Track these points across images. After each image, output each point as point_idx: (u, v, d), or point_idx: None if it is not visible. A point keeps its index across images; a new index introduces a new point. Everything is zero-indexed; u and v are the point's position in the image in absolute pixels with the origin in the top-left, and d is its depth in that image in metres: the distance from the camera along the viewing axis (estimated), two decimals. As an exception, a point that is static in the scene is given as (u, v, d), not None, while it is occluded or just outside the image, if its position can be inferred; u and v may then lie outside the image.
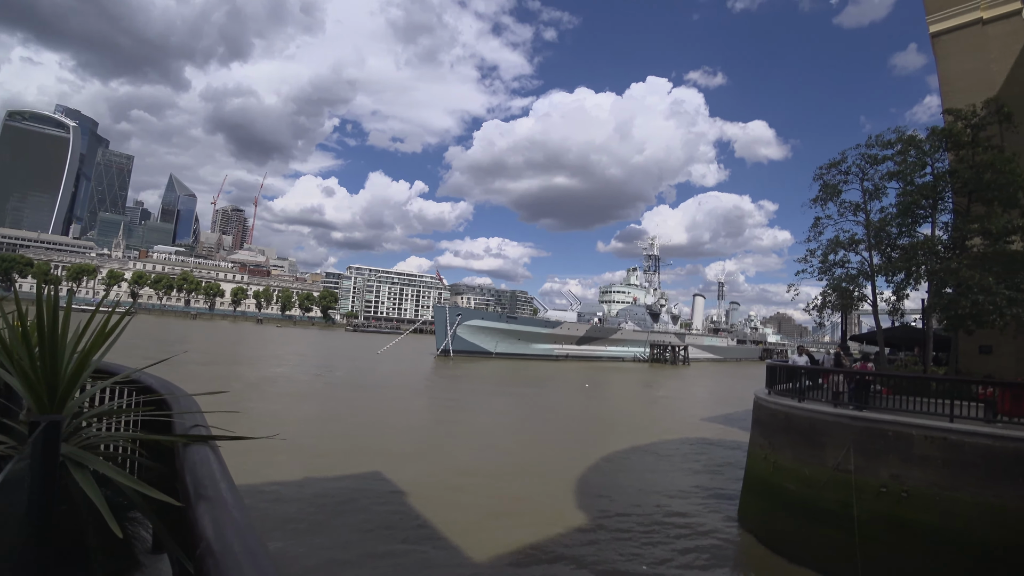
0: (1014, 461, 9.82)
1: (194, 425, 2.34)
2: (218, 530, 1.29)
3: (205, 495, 1.50)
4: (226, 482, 1.63)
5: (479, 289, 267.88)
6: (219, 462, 1.88)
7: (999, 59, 19.95)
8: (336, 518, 12.68)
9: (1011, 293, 14.45)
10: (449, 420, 27.86)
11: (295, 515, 12.65)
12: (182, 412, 2.56)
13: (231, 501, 1.48)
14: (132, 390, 3.24)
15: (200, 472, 1.69)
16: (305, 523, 12.26)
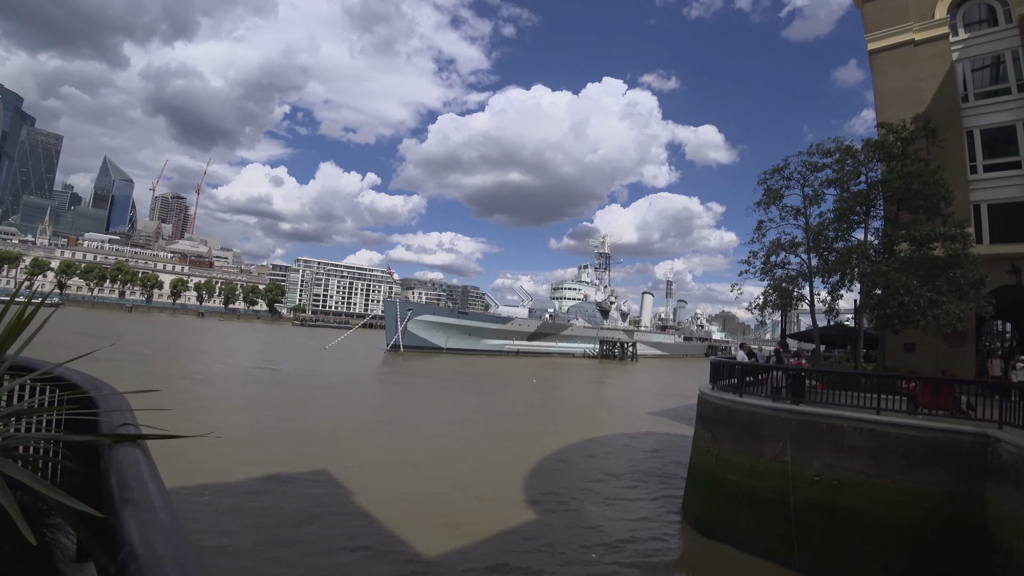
0: (931, 449, 10.64)
1: (122, 424, 2.19)
2: (143, 534, 1.24)
3: (131, 498, 1.43)
4: (155, 484, 1.56)
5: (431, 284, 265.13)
6: (148, 463, 1.79)
7: (928, 78, 21.38)
8: (278, 520, 12.25)
9: (932, 295, 15.54)
10: (398, 417, 27.41)
11: (234, 517, 12.14)
12: (109, 410, 2.37)
13: (159, 504, 1.42)
14: (54, 387, 2.96)
15: (127, 474, 1.61)
16: (244, 525, 11.77)
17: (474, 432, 24.22)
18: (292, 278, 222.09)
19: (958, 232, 16.79)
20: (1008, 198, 19.86)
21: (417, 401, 33.48)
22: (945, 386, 12.47)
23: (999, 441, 9.87)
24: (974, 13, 21.70)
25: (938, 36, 21.50)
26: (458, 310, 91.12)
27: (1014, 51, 20.43)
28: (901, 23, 21.98)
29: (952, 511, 10.22)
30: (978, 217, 20.04)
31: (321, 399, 29.59)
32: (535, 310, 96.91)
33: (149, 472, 1.66)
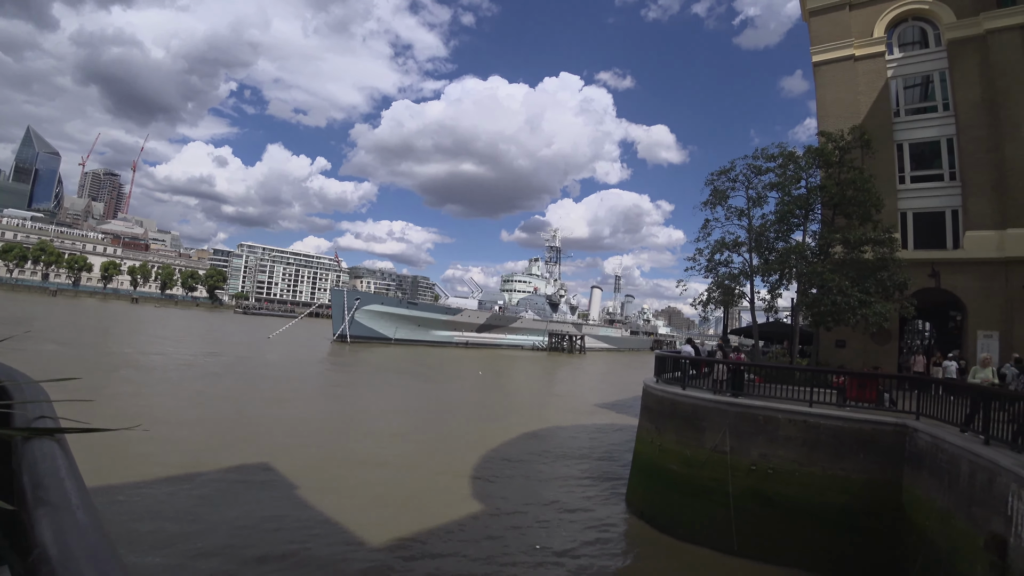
0: (857, 439, 11.36)
1: (39, 417, 2.11)
2: (58, 534, 1.16)
3: (45, 496, 1.33)
4: (73, 481, 1.49)
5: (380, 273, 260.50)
6: (66, 458, 1.68)
7: (865, 92, 22.66)
8: (213, 516, 11.75)
9: (862, 296, 16.53)
10: (342, 409, 26.75)
11: (165, 514, 11.55)
12: (25, 401, 2.26)
13: (77, 502, 1.35)
14: None
15: (41, 470, 1.53)
16: (176, 523, 11.21)
17: (420, 425, 23.91)
18: (235, 264, 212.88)
19: (886, 237, 17.90)
20: (930, 208, 21.40)
21: (363, 393, 32.75)
22: (870, 380, 13.31)
23: (916, 431, 10.66)
24: (908, 34, 23.12)
25: (876, 53, 22.82)
26: (407, 300, 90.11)
27: (942, 72, 21.95)
28: (844, 39, 23.21)
29: (874, 496, 10.98)
30: (904, 224, 21.48)
31: (262, 390, 28.56)
32: (485, 302, 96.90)
33: (67, 468, 1.54)
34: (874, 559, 10.70)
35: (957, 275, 19.96)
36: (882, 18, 22.89)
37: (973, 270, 19.75)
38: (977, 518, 7.94)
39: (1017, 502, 6.94)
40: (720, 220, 21.66)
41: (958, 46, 21.39)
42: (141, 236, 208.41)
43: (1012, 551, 6.89)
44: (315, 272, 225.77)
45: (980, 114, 20.64)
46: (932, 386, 12.20)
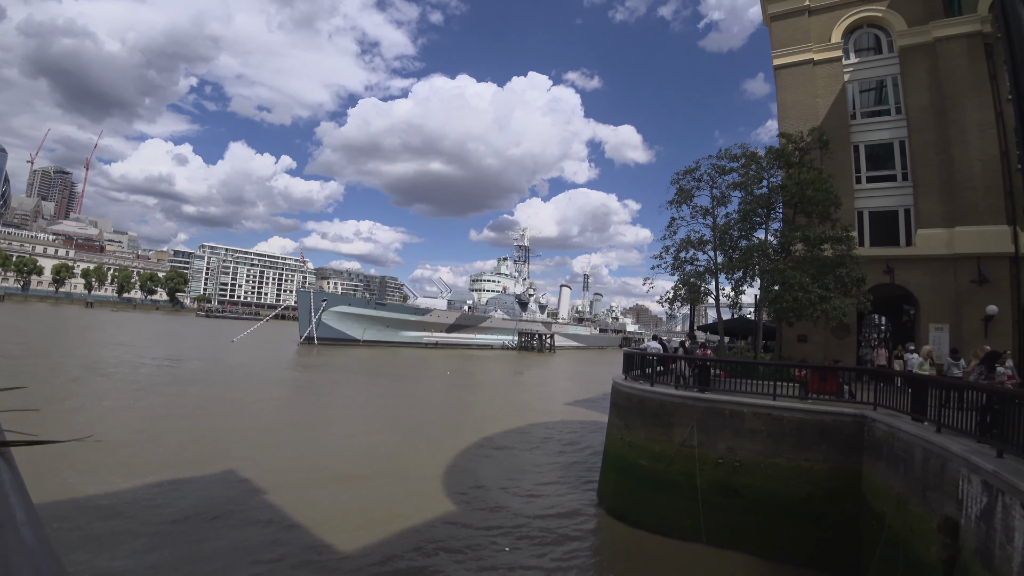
0: (818, 430, 11.73)
1: None
2: (1, 554, 1.15)
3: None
4: (18, 496, 1.42)
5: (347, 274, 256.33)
6: (11, 472, 1.57)
7: (823, 95, 23.40)
8: (175, 530, 11.33)
9: (822, 292, 17.07)
10: (309, 413, 26.07)
11: (118, 530, 11.02)
12: None
13: (22, 518, 1.30)
14: None
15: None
16: (132, 539, 10.69)
17: (391, 426, 23.64)
18: (196, 265, 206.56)
19: (844, 235, 18.52)
20: (885, 207, 22.22)
21: (331, 396, 32.06)
22: (831, 373, 13.74)
23: (874, 421, 11.06)
24: (863, 40, 23.97)
25: (833, 58, 23.59)
26: (375, 301, 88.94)
27: (894, 77, 22.83)
28: (803, 43, 23.93)
29: (835, 484, 11.37)
30: (861, 222, 22.24)
31: (225, 396, 27.68)
32: (454, 302, 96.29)
33: (12, 483, 1.44)
34: (836, 545, 11.07)
35: (910, 271, 20.80)
36: (839, 24, 23.68)
37: (924, 266, 20.59)
38: (931, 502, 8.29)
39: (967, 486, 7.26)
40: (686, 219, 22.09)
41: (909, 53, 22.28)
42: (95, 237, 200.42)
43: (963, 532, 7.20)
44: (280, 273, 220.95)
45: (929, 118, 21.52)
46: (888, 377, 12.68)
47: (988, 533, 6.58)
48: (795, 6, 24.32)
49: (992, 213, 19.77)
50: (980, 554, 6.73)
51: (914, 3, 22.39)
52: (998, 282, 19.17)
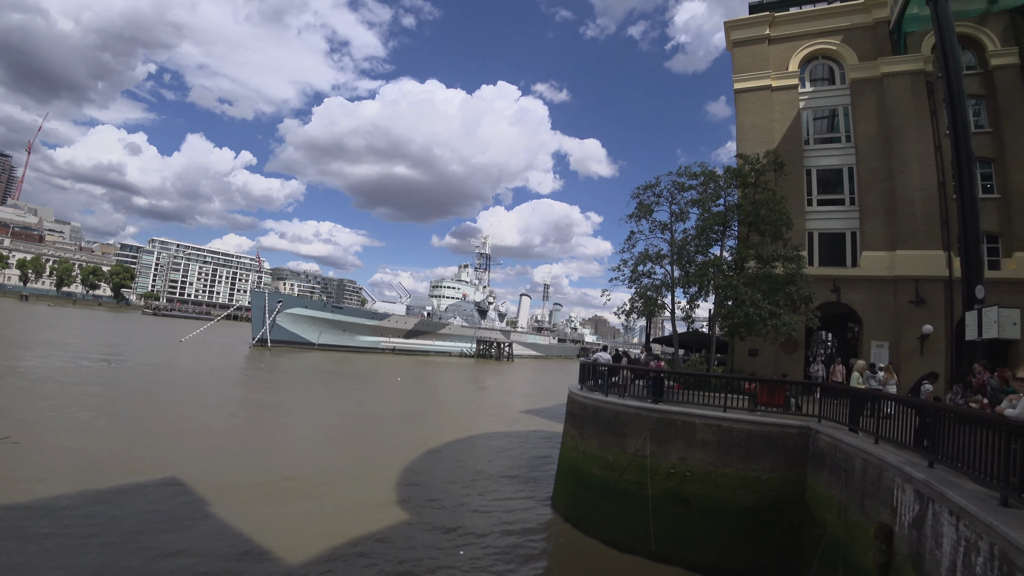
0: (766, 441, 12.06)
1: None
2: None
3: None
4: None
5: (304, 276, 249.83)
6: None
7: (779, 120, 24.39)
8: (105, 539, 10.72)
9: (772, 308, 17.63)
10: (258, 418, 25.14)
11: (43, 539, 10.34)
12: None
13: None
14: None
15: None
16: (56, 549, 10.01)
17: (343, 434, 23.12)
18: (145, 260, 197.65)
19: (795, 254, 19.20)
20: (833, 229, 23.27)
21: (281, 401, 30.98)
22: (779, 386, 14.18)
23: (818, 432, 11.46)
24: (819, 71, 25.17)
25: (790, 86, 24.68)
26: (332, 304, 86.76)
27: (845, 107, 24.05)
28: (762, 70, 24.95)
29: (781, 493, 11.72)
30: (811, 243, 23.22)
31: (168, 399, 26.39)
32: (413, 307, 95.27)
33: None
34: (781, 552, 11.40)
35: (854, 291, 21.85)
36: (796, 54, 24.81)
37: (868, 286, 21.68)
38: (868, 510, 8.61)
39: (901, 494, 7.57)
40: (644, 233, 22.48)
41: (859, 85, 23.54)
42: (34, 226, 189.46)
43: (897, 539, 7.50)
44: (234, 272, 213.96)
45: (876, 147, 22.75)
46: (831, 391, 13.18)
47: (920, 539, 6.87)
48: (756, 34, 25.35)
49: (929, 239, 21.01)
50: (912, 559, 7.02)
51: (865, 39, 23.73)
52: (934, 303, 20.37)
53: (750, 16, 25.97)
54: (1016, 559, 4.80)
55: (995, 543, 5.16)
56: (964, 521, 5.82)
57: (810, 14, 25.16)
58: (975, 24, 22.06)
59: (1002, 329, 10.92)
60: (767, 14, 25.32)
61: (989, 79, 21.97)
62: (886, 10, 22.98)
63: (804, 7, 25.93)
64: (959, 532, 5.90)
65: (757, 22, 25.43)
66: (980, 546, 5.43)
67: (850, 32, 24.11)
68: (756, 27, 25.41)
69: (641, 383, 15.65)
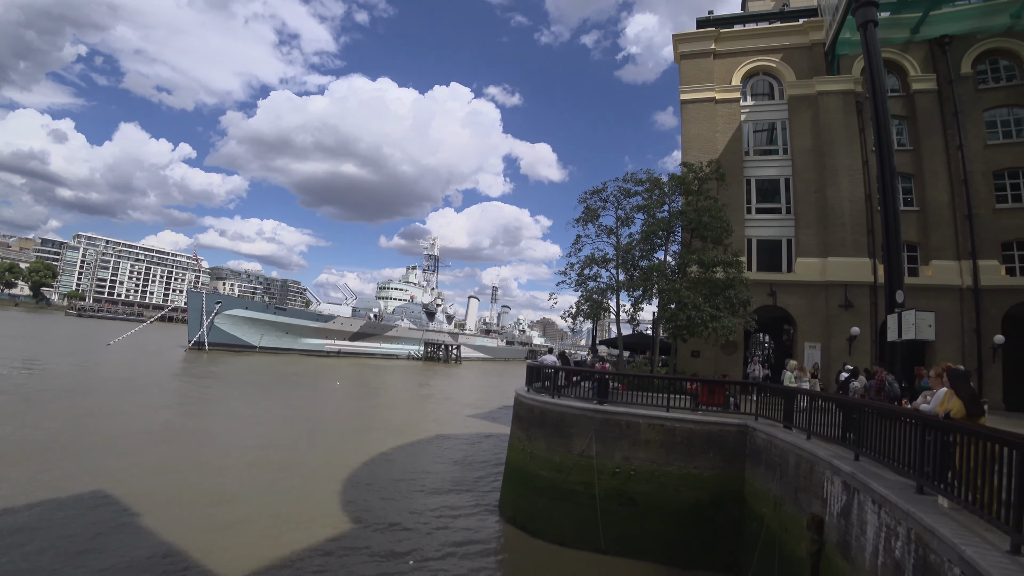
0: (706, 439, 12.46)
1: None
2: None
3: None
4: None
5: (246, 275, 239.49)
6: None
7: (722, 131, 25.39)
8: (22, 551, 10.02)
9: (713, 311, 18.27)
10: (190, 426, 23.63)
11: None
12: None
13: None
14: None
15: None
16: None
17: (283, 441, 22.12)
18: (70, 257, 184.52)
19: (735, 260, 20.02)
20: (770, 236, 24.41)
21: (217, 408, 29.40)
22: (719, 387, 14.66)
23: (755, 430, 11.92)
24: (759, 86, 26.38)
25: (733, 99, 25.76)
26: (275, 305, 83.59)
27: (783, 121, 25.31)
28: (707, 82, 25.95)
29: (721, 489, 12.14)
30: (749, 249, 24.29)
31: (90, 407, 24.60)
32: (359, 309, 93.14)
33: None
34: (722, 546, 11.80)
35: (790, 295, 23.00)
36: (739, 69, 25.92)
37: (802, 291, 22.87)
38: (801, 502, 9.01)
39: (830, 486, 7.95)
40: (591, 237, 22.94)
41: (796, 101, 24.84)
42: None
43: (827, 528, 7.88)
44: (170, 271, 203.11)
45: (810, 160, 24.04)
46: (767, 390, 13.74)
47: (847, 527, 7.24)
48: (703, 48, 26.34)
49: (857, 247, 22.37)
50: (840, 547, 7.39)
51: (802, 59, 25.09)
52: (861, 307, 21.72)
53: (697, 31, 27.01)
54: (929, 541, 5.10)
55: (911, 528, 5.48)
56: (885, 509, 6.15)
57: (753, 32, 26.42)
58: (899, 51, 23.70)
59: (919, 331, 11.66)
60: (713, 30, 26.39)
61: (911, 102, 23.65)
62: (822, 33, 24.45)
63: (748, 25, 27.25)
64: (881, 519, 6.23)
65: (704, 37, 26.43)
66: (899, 531, 5.75)
67: (789, 51, 25.43)
68: (703, 41, 26.41)
69: (587, 384, 15.80)
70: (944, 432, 5.76)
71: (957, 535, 4.85)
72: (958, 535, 4.85)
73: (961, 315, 21.22)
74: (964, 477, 5.30)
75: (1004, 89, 23.12)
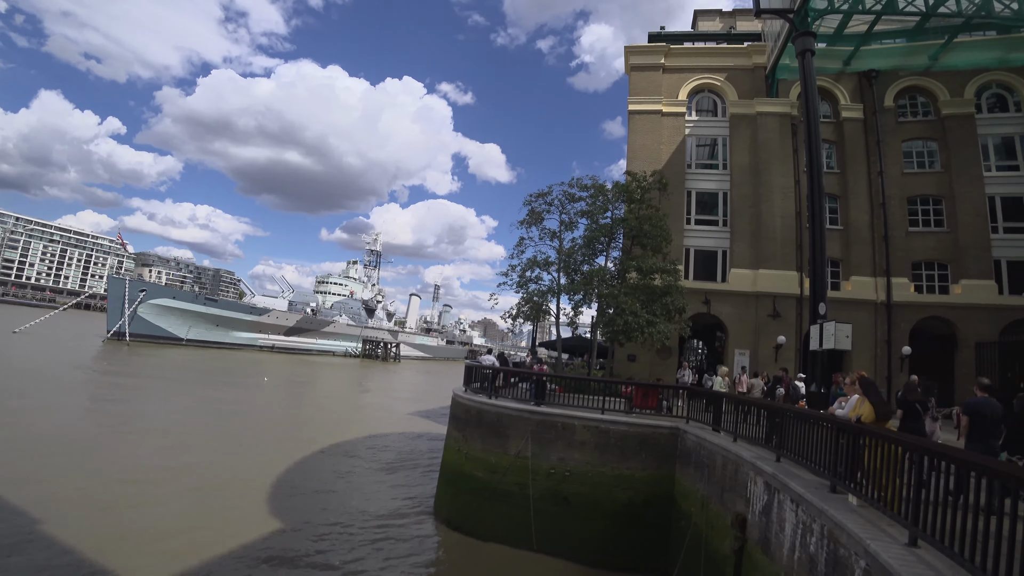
0: (639, 441, 12.79)
1: None
2: None
3: None
4: None
5: (175, 263, 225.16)
6: None
7: (666, 143, 26.23)
8: None
9: (649, 316, 18.78)
10: (111, 425, 21.72)
11: None
12: None
13: None
14: None
15: None
16: None
17: (208, 441, 20.83)
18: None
19: (672, 268, 20.67)
20: (706, 247, 25.46)
21: (133, 405, 27.10)
22: (652, 390, 15.08)
23: (685, 432, 12.33)
24: (704, 102, 27.47)
25: (678, 113, 26.70)
26: (206, 296, 79.43)
27: (724, 138, 26.44)
28: (655, 95, 26.79)
29: (652, 490, 12.48)
30: (687, 258, 25.24)
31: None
32: (296, 303, 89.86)
33: None
34: (652, 545, 12.12)
35: (723, 303, 24.07)
36: (686, 84, 26.89)
37: (734, 300, 23.98)
38: (727, 502, 9.37)
39: (753, 486, 8.30)
40: (534, 239, 23.12)
41: (737, 120, 26.02)
42: None
43: (750, 526, 8.23)
44: (89, 255, 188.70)
45: (747, 176, 25.21)
46: (697, 394, 14.25)
47: (767, 525, 7.57)
48: (653, 62, 27.15)
49: (786, 260, 23.67)
50: (761, 543, 7.72)
51: (744, 80, 26.31)
52: (787, 317, 23.00)
53: (649, 44, 27.86)
54: (839, 536, 5.41)
55: (824, 524, 5.79)
56: (802, 507, 6.46)
57: (700, 50, 27.50)
58: (833, 80, 25.28)
59: (838, 341, 12.36)
60: (664, 45, 27.25)
61: (840, 128, 25.25)
62: (764, 57, 25.78)
63: (696, 44, 28.33)
64: (798, 517, 6.54)
65: (654, 51, 27.23)
66: (813, 528, 6.06)
67: (733, 72, 26.59)
68: (653, 55, 27.21)
69: (524, 386, 15.86)
70: (855, 435, 6.11)
71: (863, 530, 5.14)
72: (864, 530, 5.15)
73: (875, 327, 22.84)
74: (872, 476, 5.65)
75: (920, 123, 25.10)
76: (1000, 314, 22.01)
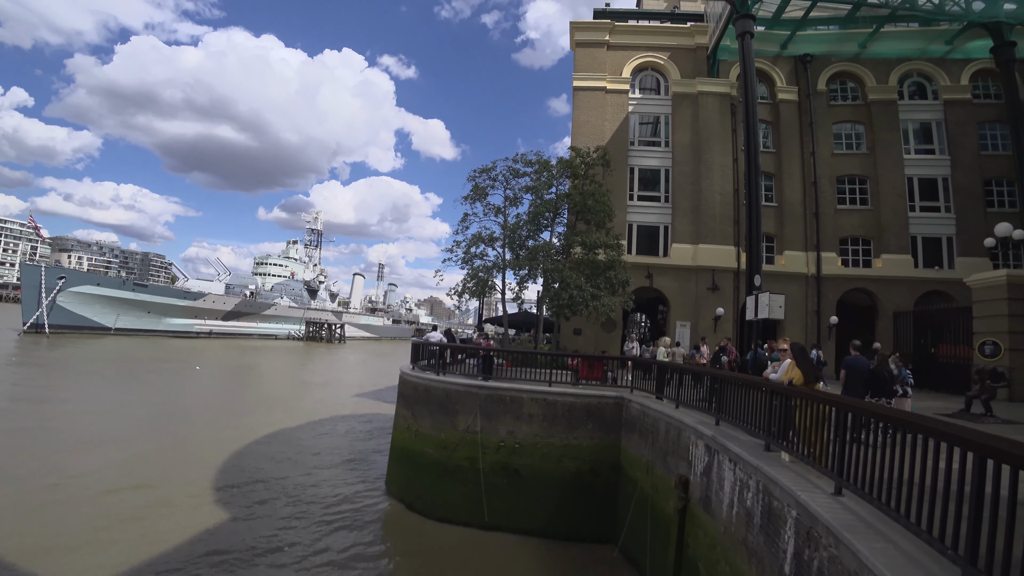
0: (585, 411, 13.07)
1: None
2: None
3: None
4: None
5: (97, 247, 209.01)
6: None
7: (610, 120, 26.46)
8: None
9: (594, 291, 19.09)
10: (33, 425, 19.61)
11: None
12: None
13: None
14: None
15: None
16: None
17: (145, 434, 19.57)
18: None
19: (616, 243, 21.04)
20: (649, 222, 26.05)
21: (64, 400, 24.84)
22: (598, 362, 15.39)
23: (630, 401, 12.68)
24: (647, 81, 27.80)
25: (622, 90, 26.94)
26: (134, 281, 74.45)
27: (667, 116, 26.92)
28: (600, 72, 26.91)
29: (599, 458, 12.80)
30: (630, 233, 25.77)
31: None
32: (234, 286, 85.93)
33: None
34: (600, 512, 12.48)
35: (664, 277, 24.78)
36: (630, 62, 27.12)
37: (675, 274, 24.74)
38: (670, 465, 9.72)
39: (695, 449, 8.64)
40: (479, 215, 22.97)
41: (679, 98, 26.51)
42: None
43: (692, 487, 8.59)
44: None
45: (688, 154, 25.84)
46: (641, 364, 14.66)
47: (708, 484, 7.92)
48: (597, 38, 27.19)
49: (724, 236, 24.57)
50: (702, 502, 8.09)
51: (687, 59, 26.79)
52: (726, 290, 23.96)
53: (594, 20, 27.84)
54: (773, 490, 5.72)
55: (760, 480, 6.09)
56: (739, 466, 6.78)
57: (644, 29, 27.72)
58: (770, 63, 26.10)
59: (772, 311, 13.00)
60: (608, 22, 27.30)
61: (776, 109, 26.18)
62: (706, 38, 26.29)
63: (641, 22, 28.48)
64: (736, 475, 6.86)
65: (599, 27, 27.26)
66: (750, 484, 6.37)
67: (676, 51, 27.00)
68: (598, 32, 27.23)
69: (472, 362, 15.85)
70: (787, 397, 6.44)
71: (794, 483, 5.45)
72: (795, 483, 5.45)
73: (806, 299, 24.18)
74: (802, 434, 5.98)
75: (849, 107, 26.40)
76: (915, 286, 23.73)
